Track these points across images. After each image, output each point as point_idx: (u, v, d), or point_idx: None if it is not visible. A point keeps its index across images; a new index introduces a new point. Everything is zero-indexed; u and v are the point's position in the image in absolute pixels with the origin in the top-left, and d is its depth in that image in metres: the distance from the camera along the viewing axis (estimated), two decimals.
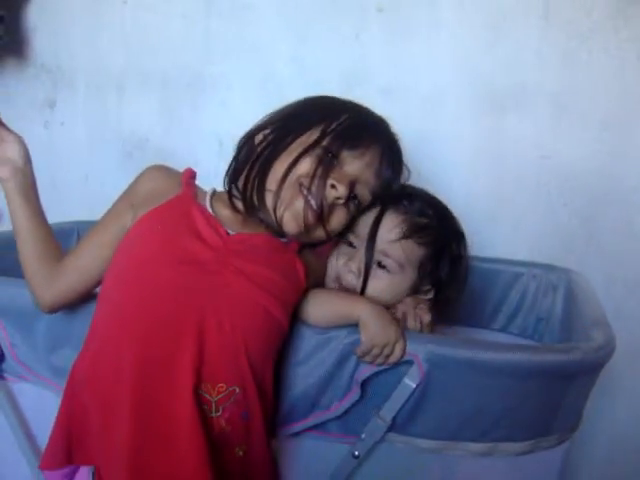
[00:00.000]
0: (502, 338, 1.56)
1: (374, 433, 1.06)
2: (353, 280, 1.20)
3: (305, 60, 1.79)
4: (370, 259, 1.19)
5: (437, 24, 1.68)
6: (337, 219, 1.15)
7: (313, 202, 1.10)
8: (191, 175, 1.21)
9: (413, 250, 1.20)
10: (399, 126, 1.74)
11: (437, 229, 1.23)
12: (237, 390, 1.03)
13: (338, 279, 1.22)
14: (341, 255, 1.23)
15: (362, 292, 1.19)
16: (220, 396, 1.02)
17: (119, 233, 1.12)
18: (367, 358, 1.02)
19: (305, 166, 1.10)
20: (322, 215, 1.11)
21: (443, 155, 1.72)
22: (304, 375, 1.07)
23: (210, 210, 1.14)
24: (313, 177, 1.10)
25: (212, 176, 1.91)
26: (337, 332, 1.07)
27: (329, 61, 1.77)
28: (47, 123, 2.14)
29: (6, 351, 1.23)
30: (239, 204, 1.15)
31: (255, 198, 1.13)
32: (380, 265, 1.20)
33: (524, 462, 1.08)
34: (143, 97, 2.01)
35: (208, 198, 1.17)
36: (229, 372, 1.03)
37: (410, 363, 1.02)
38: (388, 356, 1.02)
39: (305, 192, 1.10)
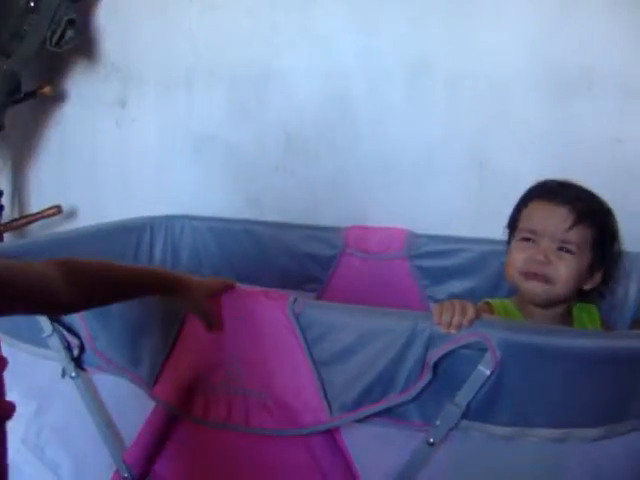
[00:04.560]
0: None
1: (449, 420, 1.06)
2: (541, 267, 1.31)
3: (370, 51, 1.79)
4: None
5: (503, 8, 1.66)
6: None
7: None
8: None
9: (585, 233, 1.32)
10: (467, 114, 1.73)
11: (597, 211, 1.35)
12: None
13: (525, 271, 1.33)
14: (521, 250, 1.35)
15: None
16: None
17: None
18: (444, 317, 1.04)
19: None
20: None
21: (513, 141, 1.70)
22: (375, 358, 1.08)
23: None
24: None
25: (280, 168, 1.94)
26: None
27: (394, 51, 1.77)
28: (119, 121, 2.19)
29: (85, 343, 1.27)
30: None
31: None
32: (563, 250, 1.31)
33: (599, 449, 1.07)
34: (211, 93, 2.04)
35: None
36: None
37: (484, 350, 1.01)
38: (463, 313, 1.04)
39: None
